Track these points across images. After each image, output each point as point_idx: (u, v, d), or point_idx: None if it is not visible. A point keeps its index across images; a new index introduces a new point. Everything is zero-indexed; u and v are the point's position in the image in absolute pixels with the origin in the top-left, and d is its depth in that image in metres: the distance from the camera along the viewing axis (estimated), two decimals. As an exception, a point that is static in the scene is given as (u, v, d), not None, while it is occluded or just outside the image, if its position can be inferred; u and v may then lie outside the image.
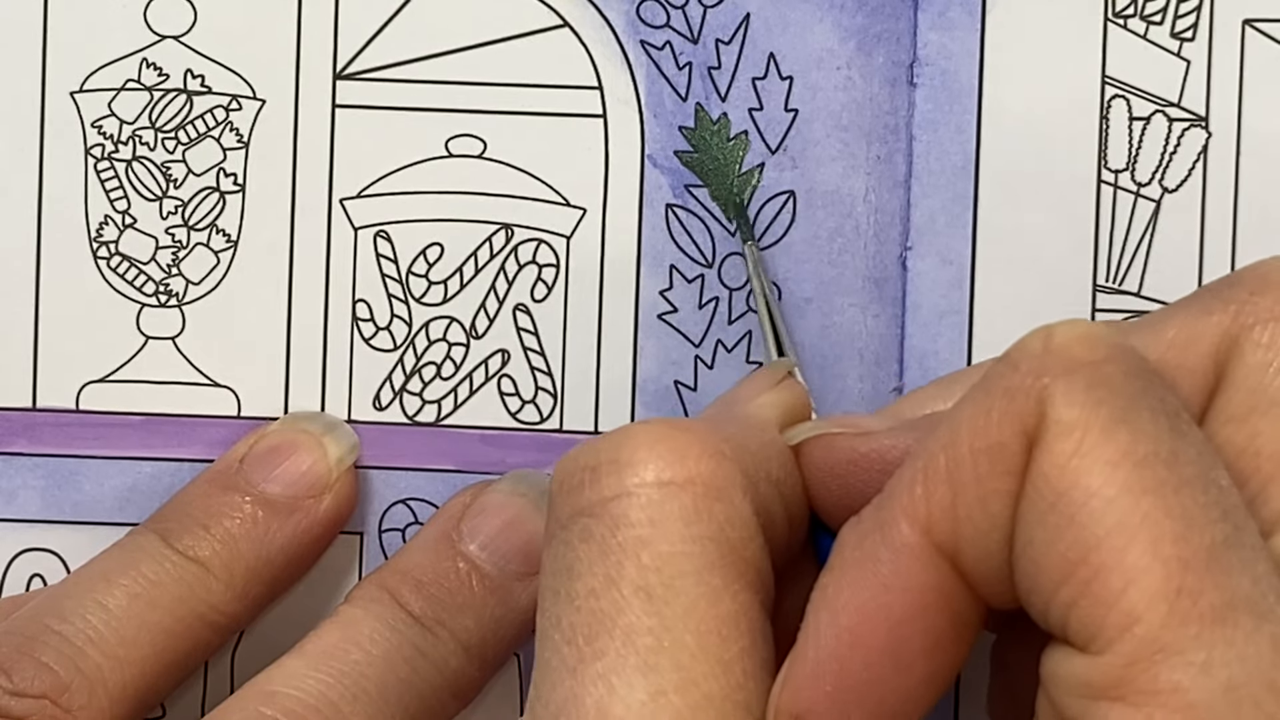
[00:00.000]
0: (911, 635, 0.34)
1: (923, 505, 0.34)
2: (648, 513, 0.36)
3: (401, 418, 0.48)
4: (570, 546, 0.37)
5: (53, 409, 0.48)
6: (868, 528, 0.35)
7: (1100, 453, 0.33)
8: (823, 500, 0.39)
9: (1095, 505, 0.33)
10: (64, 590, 0.45)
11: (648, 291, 0.47)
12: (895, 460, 0.38)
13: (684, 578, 0.36)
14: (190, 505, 0.46)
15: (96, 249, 0.48)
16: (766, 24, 0.47)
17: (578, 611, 0.36)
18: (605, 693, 0.35)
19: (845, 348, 0.47)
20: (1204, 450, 0.34)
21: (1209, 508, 0.33)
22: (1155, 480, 0.33)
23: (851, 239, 0.47)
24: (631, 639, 0.35)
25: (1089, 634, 0.33)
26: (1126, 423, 0.33)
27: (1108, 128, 0.47)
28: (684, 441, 0.37)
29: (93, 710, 0.43)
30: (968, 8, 0.47)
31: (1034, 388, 0.34)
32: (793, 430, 0.40)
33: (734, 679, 0.35)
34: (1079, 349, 0.34)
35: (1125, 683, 0.32)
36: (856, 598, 0.35)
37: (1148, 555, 0.32)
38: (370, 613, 0.44)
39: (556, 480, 0.38)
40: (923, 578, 0.34)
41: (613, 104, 0.47)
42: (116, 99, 0.48)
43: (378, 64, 0.48)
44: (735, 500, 0.37)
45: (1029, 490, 0.34)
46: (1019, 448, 0.34)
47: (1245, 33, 0.47)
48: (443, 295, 0.48)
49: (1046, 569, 0.33)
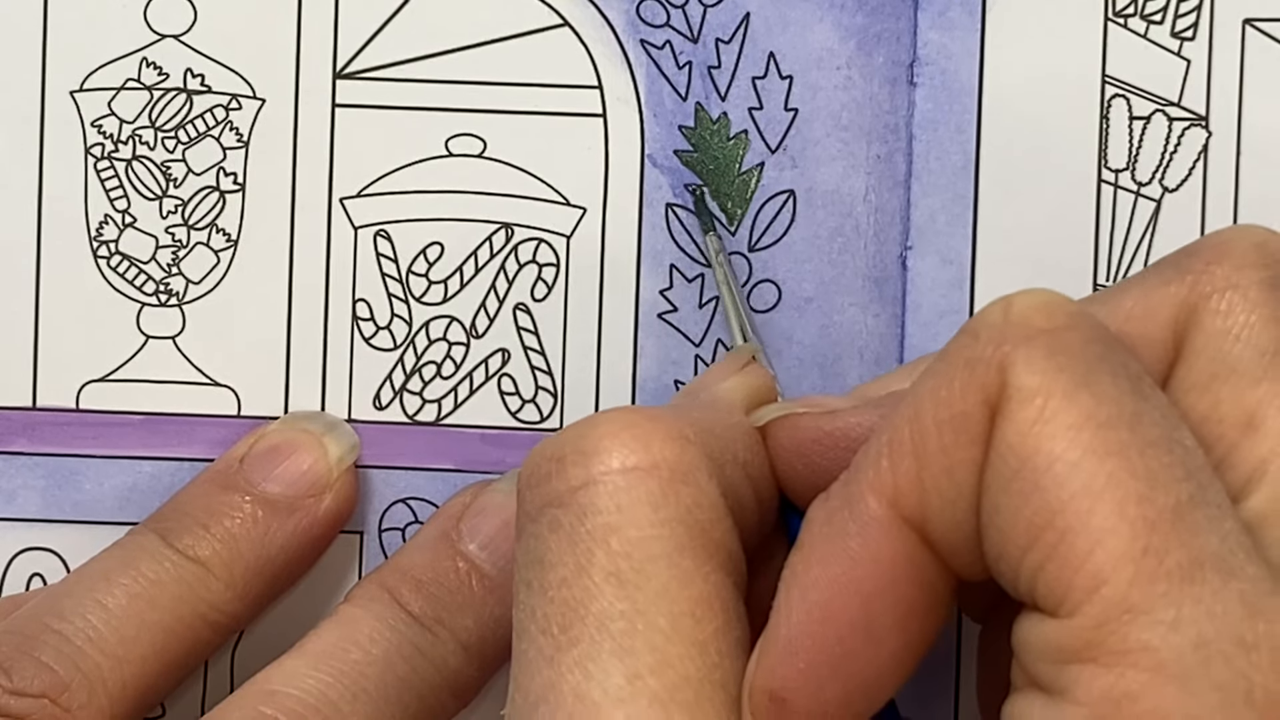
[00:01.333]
0: (882, 608, 0.35)
1: (889, 478, 0.35)
2: (615, 499, 0.36)
3: (402, 417, 0.48)
4: (540, 538, 0.37)
5: (53, 408, 0.48)
6: (835, 504, 0.35)
7: (1063, 418, 0.33)
8: (791, 480, 0.39)
9: (1059, 469, 0.33)
10: (64, 589, 0.45)
11: (648, 291, 0.47)
12: (860, 437, 0.38)
13: (654, 561, 0.36)
14: (190, 505, 0.46)
15: (96, 248, 0.48)
16: (766, 23, 0.47)
17: (550, 602, 0.36)
18: (582, 679, 0.35)
19: (845, 348, 0.47)
20: (1167, 412, 0.34)
21: (1173, 467, 0.33)
22: (1118, 442, 0.33)
23: (851, 238, 0.47)
24: (605, 624, 0.35)
25: (1057, 597, 0.33)
26: (1088, 387, 0.33)
27: (1108, 127, 0.47)
28: (648, 428, 0.37)
29: (92, 709, 0.43)
30: (968, 7, 0.47)
31: (995, 356, 0.34)
32: (758, 412, 0.40)
33: (709, 659, 0.35)
34: (1038, 317, 0.34)
35: (1095, 644, 0.32)
36: (826, 573, 0.35)
37: (1113, 516, 0.32)
38: (370, 612, 0.44)
39: (524, 474, 0.38)
40: (891, 550, 0.35)
41: (613, 103, 0.47)
42: (116, 98, 0.48)
43: (378, 63, 0.48)
44: (701, 483, 0.37)
45: (993, 458, 0.34)
46: (982, 417, 0.34)
47: (1245, 32, 0.47)
48: (443, 294, 0.48)
49: (1013, 535, 0.33)
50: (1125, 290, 0.37)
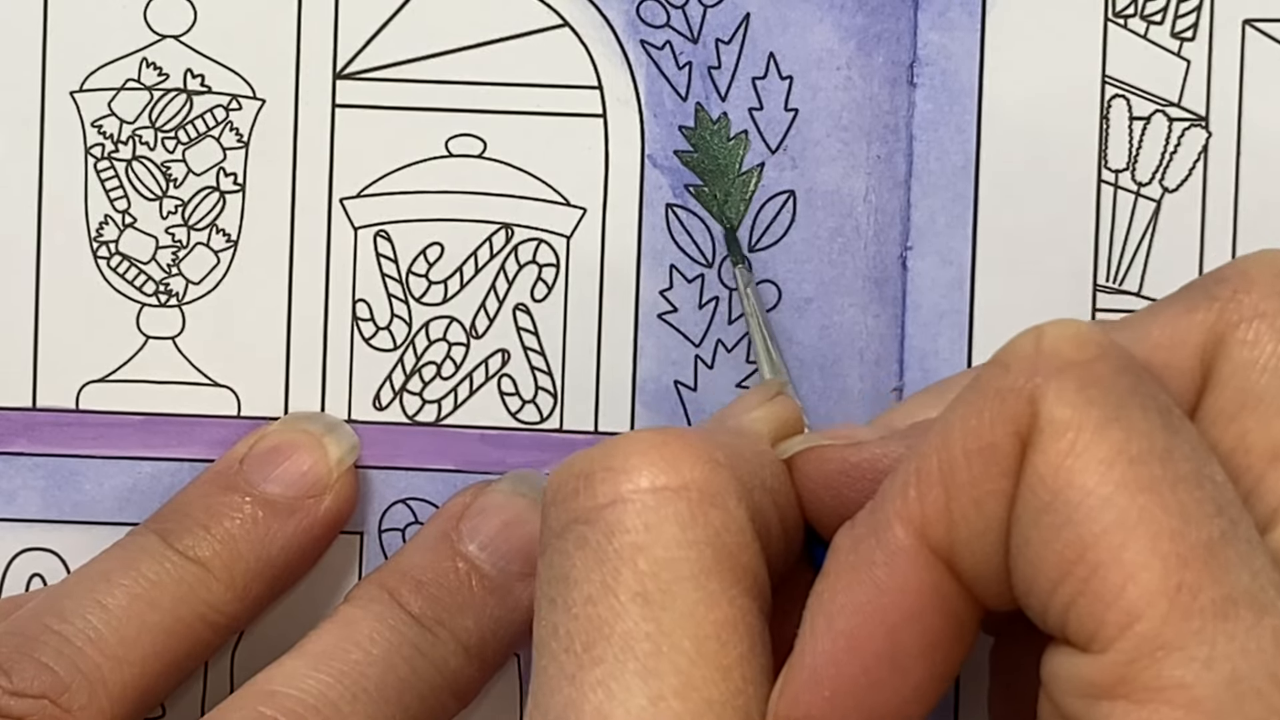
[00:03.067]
0: (908, 638, 0.34)
1: (916, 508, 0.34)
2: (643, 518, 0.36)
3: (401, 417, 0.48)
4: (565, 554, 0.36)
5: (53, 409, 0.48)
6: (862, 532, 0.35)
7: (1094, 451, 0.33)
8: (816, 512, 0.39)
9: (1091, 504, 0.33)
10: (64, 590, 0.45)
11: (648, 291, 0.47)
12: (887, 469, 0.38)
13: (681, 583, 0.36)
14: (190, 505, 0.46)
15: (96, 248, 0.48)
16: (766, 24, 0.47)
17: (575, 619, 0.36)
18: (604, 698, 0.35)
19: (845, 348, 0.47)
20: (1197, 446, 0.34)
21: (1204, 503, 0.33)
22: (1150, 477, 0.33)
23: (851, 239, 0.47)
24: (630, 645, 0.35)
25: (1089, 633, 0.33)
26: (1119, 421, 0.33)
27: (1108, 127, 0.47)
28: (678, 448, 0.37)
29: (93, 710, 0.43)
30: (968, 8, 0.47)
31: (1026, 388, 0.34)
32: (785, 444, 0.40)
33: (733, 684, 0.35)
34: (1069, 349, 0.34)
35: (1128, 680, 0.32)
36: (852, 601, 0.35)
37: (1146, 552, 0.32)
38: (370, 613, 0.44)
39: (550, 489, 0.37)
40: (918, 580, 0.34)
41: (613, 104, 0.47)
42: (116, 98, 0.48)
43: (378, 63, 0.48)
44: (730, 506, 0.37)
45: (1024, 491, 0.34)
46: (1012, 448, 0.34)
47: (1245, 32, 0.47)
48: (443, 295, 0.48)
49: (1044, 569, 0.33)
50: (1152, 317, 0.37)
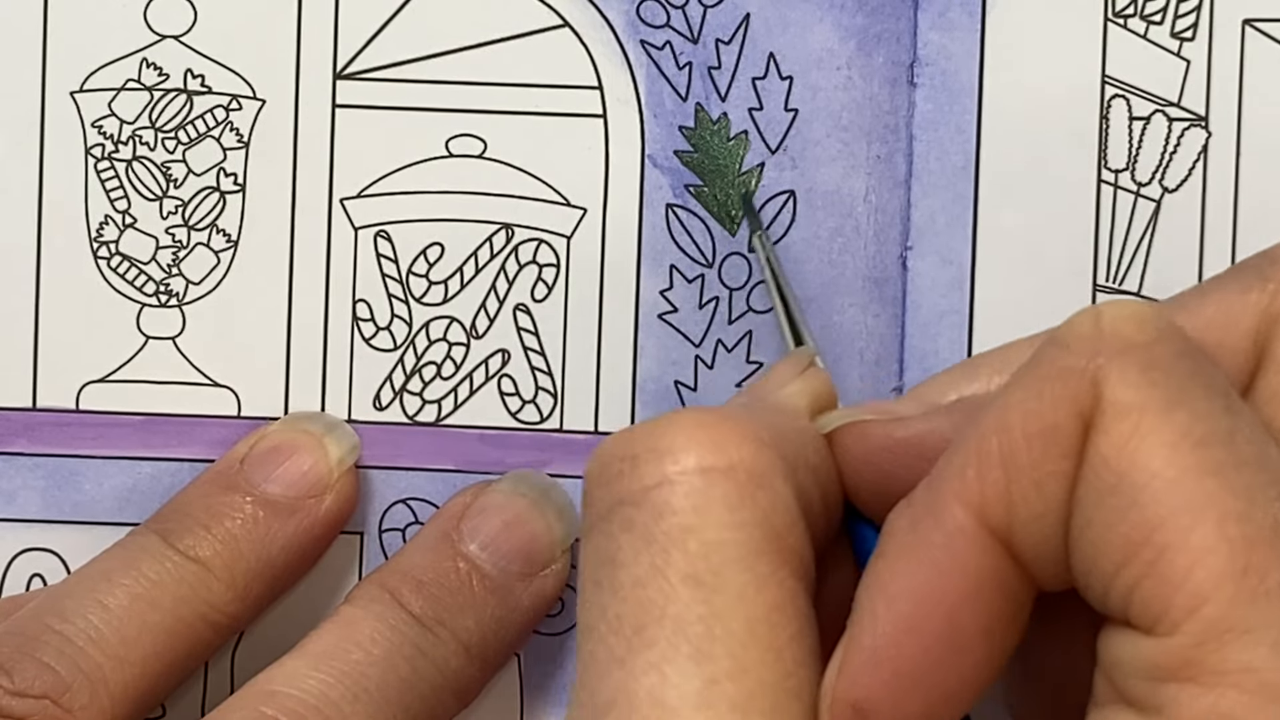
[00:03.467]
0: (967, 619, 0.34)
1: (976, 489, 0.34)
2: (691, 500, 0.36)
3: (402, 417, 0.48)
4: (611, 537, 0.36)
5: (53, 409, 0.48)
6: (919, 512, 0.35)
7: (1160, 434, 0.33)
8: (857, 487, 0.39)
9: (1157, 486, 0.33)
10: (65, 590, 0.45)
11: (648, 291, 0.47)
12: (932, 446, 0.37)
13: (731, 565, 0.35)
14: (191, 505, 0.46)
15: (97, 249, 0.48)
16: (766, 24, 0.47)
17: (623, 602, 0.35)
18: (658, 682, 0.35)
19: (845, 348, 0.47)
20: (1257, 429, 0.34)
21: (1269, 486, 0.33)
22: (1215, 460, 0.33)
23: (851, 239, 0.47)
24: (682, 628, 0.35)
25: (1154, 615, 0.33)
26: (1183, 404, 0.33)
27: (1108, 127, 0.47)
28: (724, 429, 0.36)
29: (94, 710, 0.43)
30: (968, 8, 0.47)
31: (1088, 369, 0.34)
32: (824, 418, 0.39)
33: (784, 666, 0.35)
34: (1130, 330, 0.34)
35: (1195, 663, 0.32)
36: (911, 583, 0.35)
37: (1213, 535, 0.32)
38: (370, 613, 0.44)
39: (592, 471, 0.37)
40: (978, 562, 0.34)
41: (613, 104, 0.47)
42: (117, 99, 0.48)
43: (378, 64, 0.48)
44: (777, 486, 0.36)
45: (1087, 473, 0.33)
46: (1074, 430, 0.34)
47: (1245, 32, 0.47)
48: (443, 295, 0.48)
49: (1107, 551, 0.33)
50: (1205, 296, 0.37)
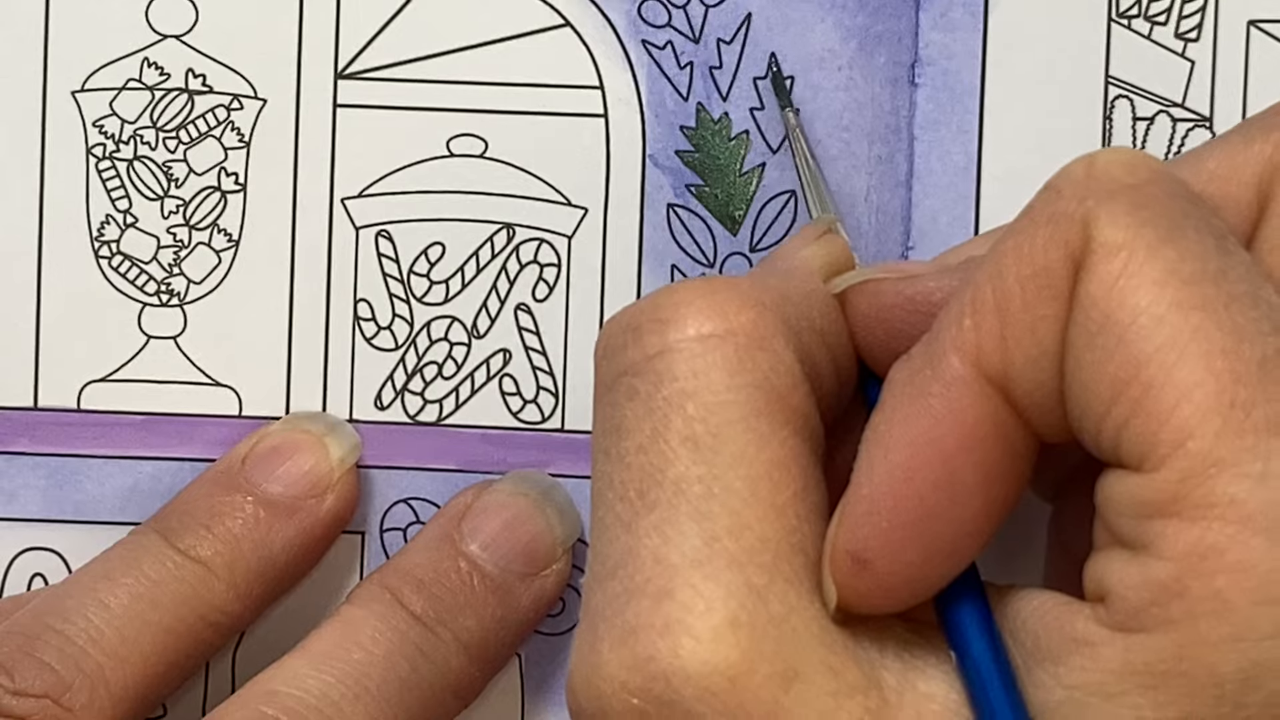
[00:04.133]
0: (965, 467, 0.34)
1: (971, 336, 0.34)
2: (691, 365, 0.36)
3: (403, 417, 0.48)
4: (616, 406, 0.37)
5: (54, 408, 0.48)
6: (917, 364, 0.35)
7: (1147, 272, 0.33)
8: (870, 347, 0.39)
9: (1144, 323, 0.33)
10: (65, 590, 0.45)
11: (649, 291, 0.47)
12: (941, 301, 0.38)
13: (731, 425, 0.36)
14: (192, 505, 0.46)
15: (98, 248, 0.48)
16: (768, 23, 0.47)
17: (628, 468, 0.36)
18: (660, 542, 0.35)
19: (847, 348, 0.47)
20: (1251, 269, 0.34)
21: (1259, 322, 0.33)
22: (1203, 296, 0.33)
23: (853, 239, 0.47)
24: (682, 488, 0.35)
25: (1142, 452, 0.33)
26: (1172, 241, 0.33)
27: (1111, 128, 0.47)
28: (724, 295, 0.37)
29: (94, 710, 0.43)
30: (970, 8, 0.46)
31: (1078, 211, 0.34)
32: (836, 280, 0.39)
33: (787, 522, 0.35)
34: (1121, 172, 0.34)
35: (1181, 498, 0.32)
36: (909, 432, 0.35)
37: (1199, 369, 0.32)
38: (372, 612, 0.44)
39: (600, 344, 0.38)
40: (974, 409, 0.34)
41: (614, 103, 0.47)
42: (118, 98, 0.48)
43: (379, 63, 0.48)
44: (778, 348, 0.37)
45: (1077, 313, 0.33)
46: (1065, 272, 0.34)
47: (1250, 33, 0.47)
48: (444, 295, 0.48)
49: (1097, 391, 0.33)
50: (1208, 151, 0.37)
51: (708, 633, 0.34)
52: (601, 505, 0.37)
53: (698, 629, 0.34)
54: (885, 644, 0.36)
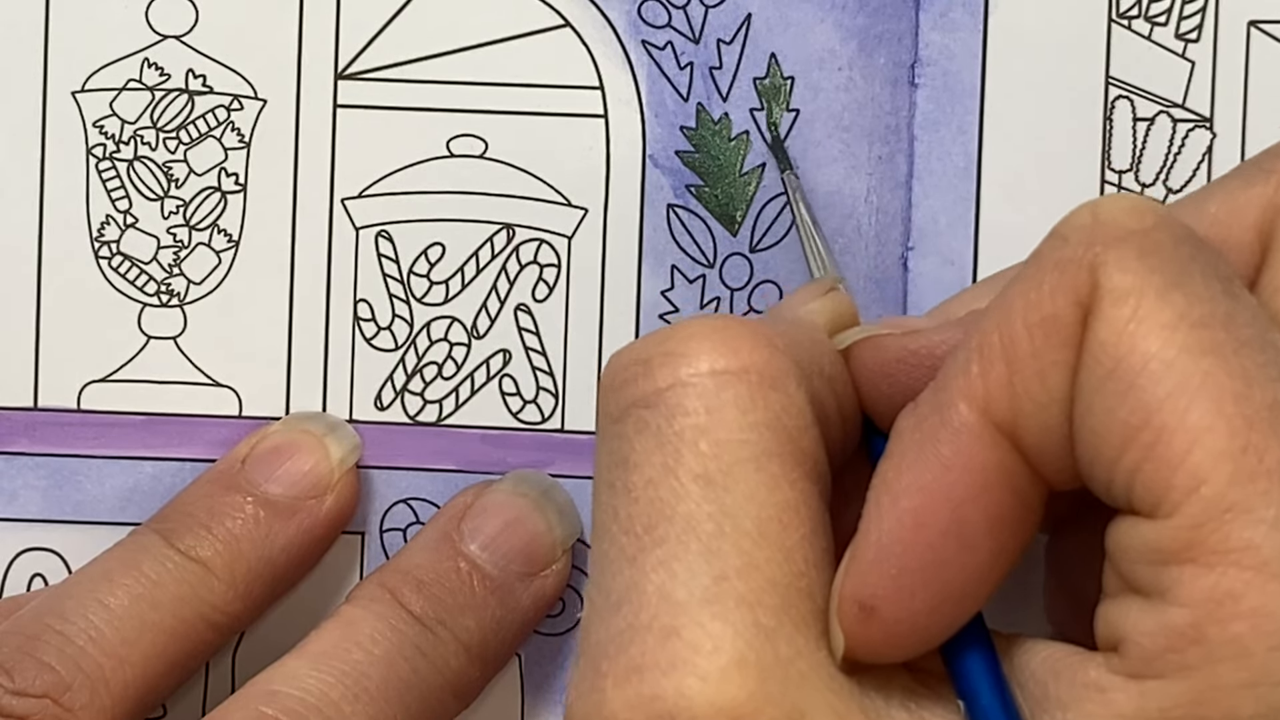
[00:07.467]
0: (974, 515, 0.34)
1: (979, 384, 0.34)
2: (704, 401, 0.36)
3: (403, 417, 0.48)
4: (625, 439, 0.36)
5: (54, 408, 0.48)
6: (925, 411, 0.35)
7: (1156, 317, 0.33)
8: (874, 402, 0.39)
9: (1154, 368, 0.33)
10: (65, 590, 0.45)
11: (649, 292, 0.47)
12: (945, 355, 0.38)
13: (742, 465, 0.35)
14: (192, 505, 0.46)
15: (98, 249, 0.48)
16: (768, 24, 0.47)
17: (635, 502, 0.36)
18: (667, 578, 0.35)
19: (847, 348, 0.47)
20: (1258, 313, 0.34)
21: (1267, 366, 0.33)
22: (1213, 341, 0.33)
23: (853, 239, 0.47)
24: (692, 525, 0.35)
25: (1155, 498, 0.33)
26: (1180, 287, 0.33)
27: (1111, 128, 0.47)
28: (737, 332, 0.36)
29: (94, 710, 0.43)
30: (970, 8, 0.46)
31: (1085, 258, 0.34)
32: (842, 335, 0.39)
33: (795, 566, 0.35)
34: (1127, 218, 0.34)
35: (1195, 544, 0.32)
36: (917, 480, 0.34)
37: (1211, 414, 0.32)
38: (371, 612, 0.44)
39: (606, 377, 0.37)
40: (983, 457, 0.34)
41: (614, 104, 0.47)
42: (118, 99, 0.48)
43: (379, 64, 0.48)
44: (790, 389, 0.36)
45: (1086, 360, 0.33)
46: (1074, 318, 0.34)
47: (1250, 34, 0.47)
48: (444, 295, 0.48)
49: (1108, 437, 0.33)
50: (1208, 195, 0.37)
51: (715, 673, 0.34)
52: (605, 538, 0.36)
53: (705, 669, 0.34)
54: (891, 693, 0.35)
